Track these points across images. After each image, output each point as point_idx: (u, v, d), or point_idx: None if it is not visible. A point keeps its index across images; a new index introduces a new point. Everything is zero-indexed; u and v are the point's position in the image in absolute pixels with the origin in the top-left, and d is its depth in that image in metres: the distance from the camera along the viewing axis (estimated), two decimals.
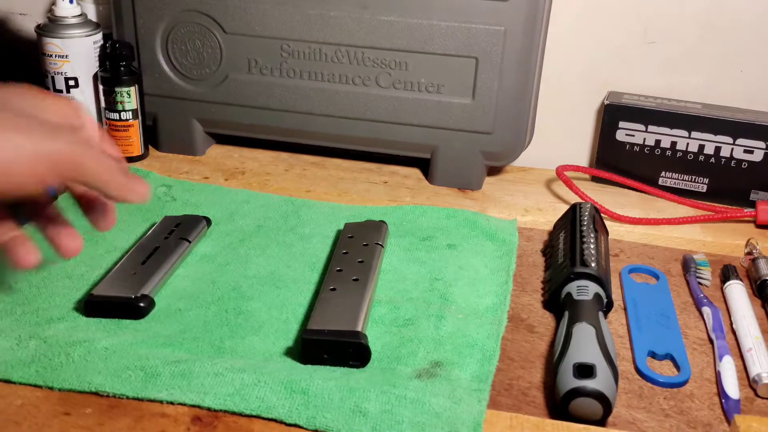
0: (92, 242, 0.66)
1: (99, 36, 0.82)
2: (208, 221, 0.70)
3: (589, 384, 0.47)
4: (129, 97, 0.80)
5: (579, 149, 0.90)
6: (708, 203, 0.81)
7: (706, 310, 0.62)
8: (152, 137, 0.87)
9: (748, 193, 0.81)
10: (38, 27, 0.81)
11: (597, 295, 0.59)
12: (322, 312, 0.55)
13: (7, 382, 0.49)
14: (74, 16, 0.81)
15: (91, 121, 0.49)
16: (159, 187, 0.77)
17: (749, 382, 0.54)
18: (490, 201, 0.80)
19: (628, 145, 0.83)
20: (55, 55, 0.80)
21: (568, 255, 0.64)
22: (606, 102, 0.83)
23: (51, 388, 0.49)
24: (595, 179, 0.85)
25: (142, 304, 0.56)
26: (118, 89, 0.79)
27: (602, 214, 0.76)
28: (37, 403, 0.48)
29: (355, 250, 0.64)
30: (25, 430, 0.46)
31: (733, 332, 0.60)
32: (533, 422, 0.48)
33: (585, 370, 0.48)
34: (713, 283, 0.67)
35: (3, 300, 0.57)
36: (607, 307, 0.60)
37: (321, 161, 0.87)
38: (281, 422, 0.47)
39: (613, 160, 0.84)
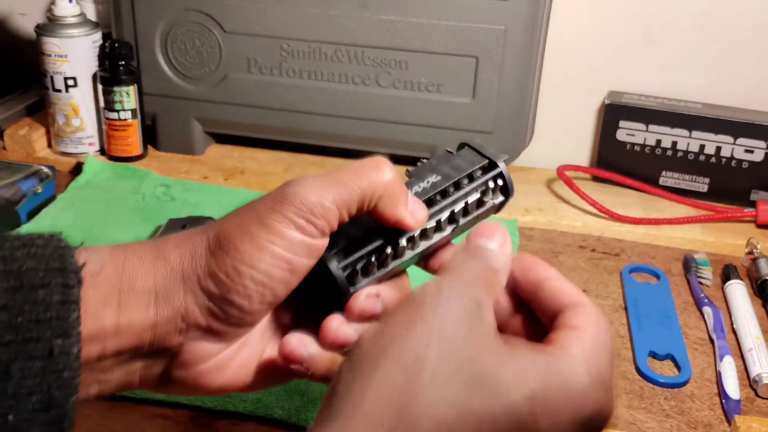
0: (93, 243, 0.66)
1: (98, 35, 0.82)
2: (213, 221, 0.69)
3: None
4: (128, 97, 0.80)
5: (579, 149, 0.90)
6: (708, 203, 0.81)
7: (707, 310, 0.62)
8: (151, 137, 0.86)
9: (748, 192, 0.81)
10: (38, 27, 0.81)
11: None
12: None
13: None
14: (73, 16, 0.80)
15: None
16: (158, 187, 0.77)
17: (750, 382, 0.54)
18: None
19: (629, 145, 0.83)
20: (55, 55, 0.80)
21: None
22: (606, 101, 0.83)
23: None
24: (596, 179, 0.85)
25: None
26: (117, 89, 0.79)
27: (604, 214, 0.76)
28: None
29: None
30: None
31: (734, 332, 0.60)
32: None
33: None
34: (714, 282, 0.67)
35: None
36: None
37: (320, 161, 0.87)
38: (280, 423, 0.47)
39: (614, 159, 0.84)
